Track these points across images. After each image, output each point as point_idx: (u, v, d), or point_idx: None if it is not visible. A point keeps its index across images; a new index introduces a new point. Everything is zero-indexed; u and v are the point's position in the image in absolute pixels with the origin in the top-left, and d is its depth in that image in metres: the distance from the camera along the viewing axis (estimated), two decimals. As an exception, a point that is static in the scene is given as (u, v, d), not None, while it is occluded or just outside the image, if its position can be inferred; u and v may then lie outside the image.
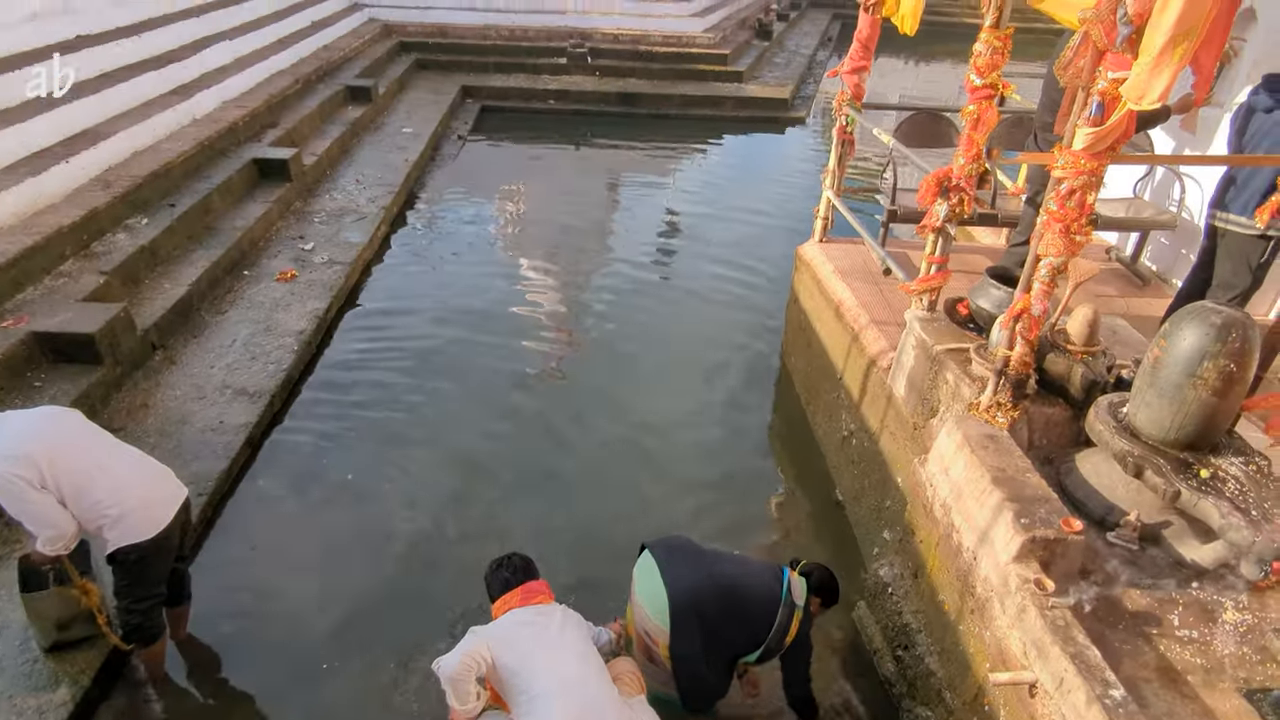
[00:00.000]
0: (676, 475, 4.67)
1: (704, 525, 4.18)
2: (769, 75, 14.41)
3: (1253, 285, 3.64)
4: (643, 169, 10.57)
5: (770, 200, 9.25)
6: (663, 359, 5.93)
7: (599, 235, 8.20)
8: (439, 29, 13.40)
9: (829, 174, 5.13)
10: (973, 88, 3.16)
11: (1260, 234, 3.48)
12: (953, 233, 3.57)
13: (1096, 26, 2.27)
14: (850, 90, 4.75)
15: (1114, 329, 3.68)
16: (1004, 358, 2.95)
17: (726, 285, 7.06)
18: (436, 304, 6.41)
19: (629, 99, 12.47)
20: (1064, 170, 2.45)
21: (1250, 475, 2.53)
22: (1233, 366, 2.42)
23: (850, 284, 4.76)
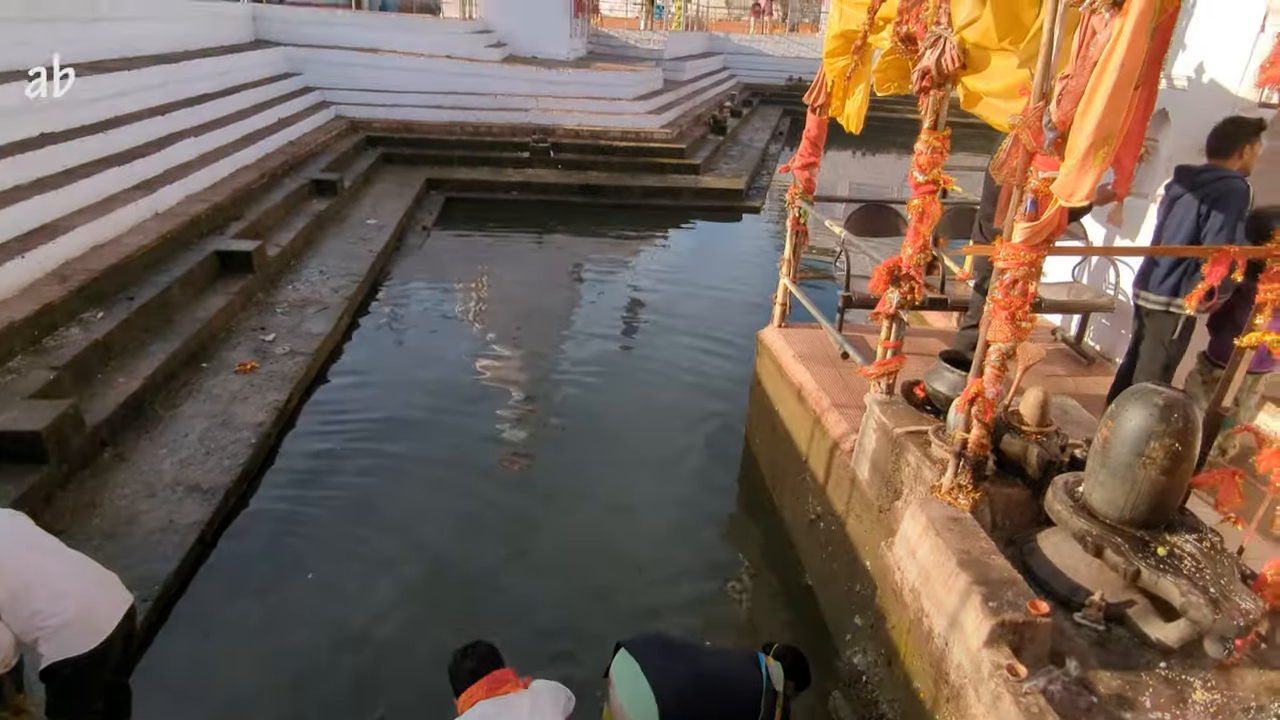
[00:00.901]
0: (644, 559, 4.60)
1: (673, 611, 4.11)
2: (725, 167, 15.04)
3: (1169, 360, 3.78)
4: (605, 256, 10.81)
5: (731, 285, 9.50)
6: (628, 441, 5.93)
7: (563, 320, 8.29)
8: (405, 125, 13.79)
9: (785, 263, 5.31)
10: (916, 184, 3.35)
11: (1165, 309, 3.67)
12: (905, 318, 3.71)
13: (1025, 131, 2.44)
14: (802, 184, 4.98)
15: (1064, 409, 3.80)
16: (962, 440, 3.02)
17: (690, 368, 7.15)
18: (400, 391, 6.36)
19: (591, 190, 12.86)
20: (1005, 262, 2.59)
21: (1205, 552, 2.59)
22: (1178, 445, 2.51)
23: (810, 368, 4.86)
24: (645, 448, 5.88)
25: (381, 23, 15.53)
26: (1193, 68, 4.34)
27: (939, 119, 3.25)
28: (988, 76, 2.92)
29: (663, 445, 5.91)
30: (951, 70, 3.00)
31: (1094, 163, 2.23)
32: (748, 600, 4.42)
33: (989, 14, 2.60)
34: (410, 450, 5.53)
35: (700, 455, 5.83)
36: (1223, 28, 4.10)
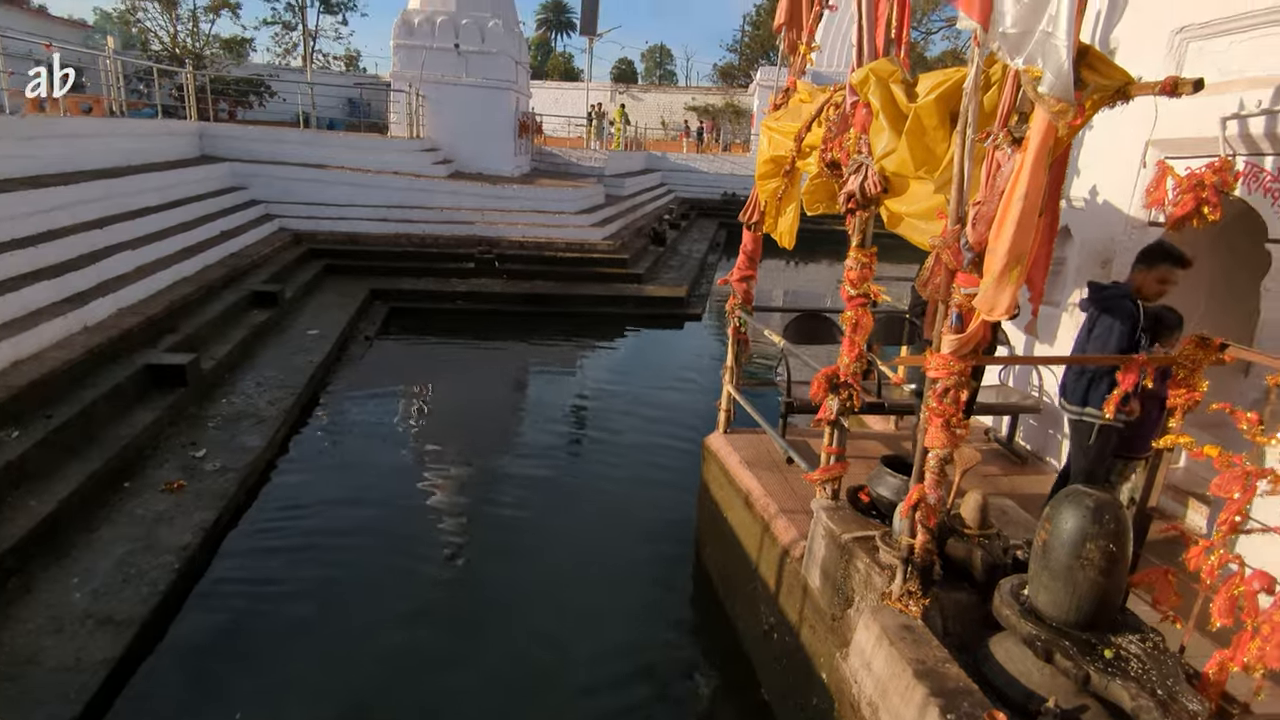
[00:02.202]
0: (592, 679, 4.40)
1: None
2: (666, 276, 15.52)
3: (1089, 465, 3.84)
4: (550, 364, 10.87)
5: (675, 391, 9.61)
6: (575, 555, 5.77)
7: (509, 430, 8.21)
8: (350, 237, 13.92)
9: (728, 370, 5.43)
10: (848, 297, 3.53)
11: (1079, 418, 3.83)
12: (846, 424, 3.80)
13: (945, 251, 2.63)
14: (740, 295, 5.18)
15: (1004, 509, 3.90)
16: (908, 545, 3.05)
17: (637, 477, 7.10)
18: (337, 507, 6.12)
19: (536, 299, 13.06)
20: (936, 372, 2.71)
21: (1149, 653, 2.63)
22: (1112, 546, 2.59)
23: (757, 473, 4.89)
24: (593, 561, 5.73)
25: (329, 141, 15.92)
26: (1089, 190, 4.76)
27: (865, 237, 3.46)
28: (908, 200, 3.14)
29: (611, 557, 5.78)
30: (874, 194, 3.23)
31: (1010, 280, 2.40)
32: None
33: (904, 146, 2.84)
34: (346, 573, 5.27)
35: (649, 566, 5.71)
36: (1111, 157, 4.54)
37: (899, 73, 2.97)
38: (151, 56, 23.19)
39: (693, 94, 43.48)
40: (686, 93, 44.22)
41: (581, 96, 31.92)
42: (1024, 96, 2.32)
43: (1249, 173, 3.66)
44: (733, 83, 46.42)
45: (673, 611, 5.29)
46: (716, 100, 41.30)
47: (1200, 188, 3.51)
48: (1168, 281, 3.53)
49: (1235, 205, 3.82)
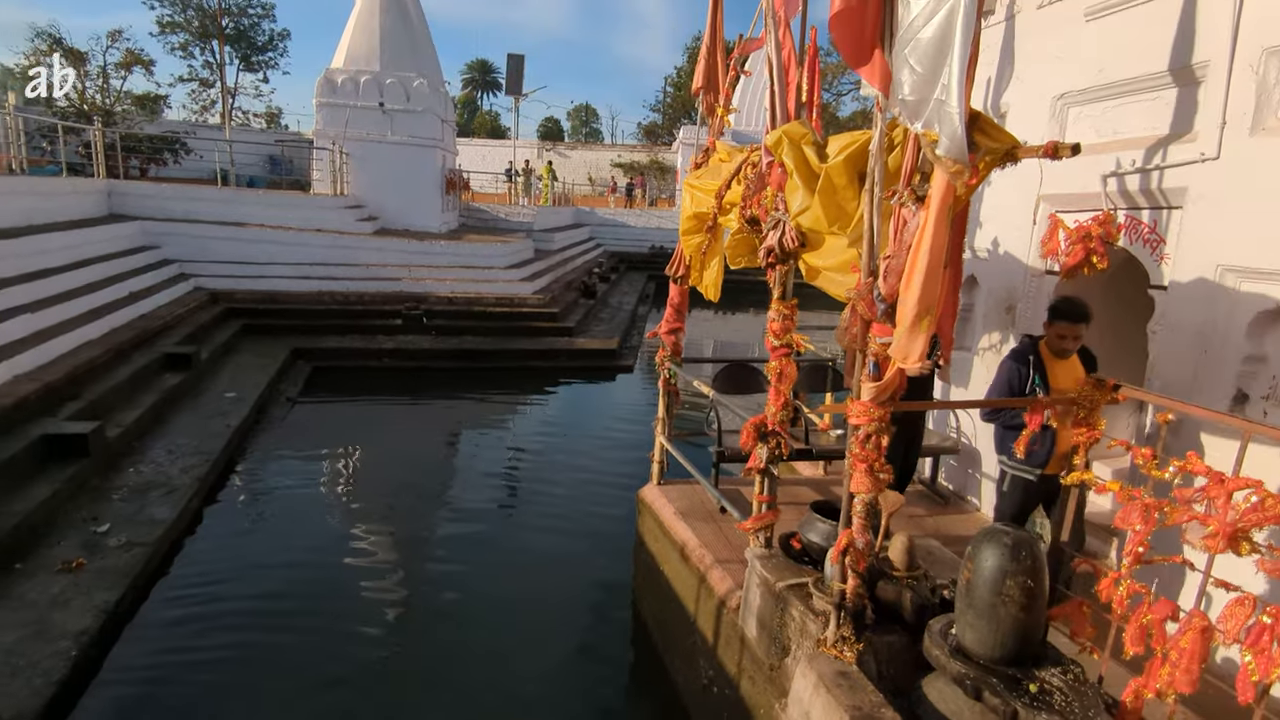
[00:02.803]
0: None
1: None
2: (597, 329, 15.60)
3: (1007, 510, 3.93)
4: (482, 420, 10.71)
5: (609, 443, 9.59)
6: (510, 616, 5.61)
7: (439, 490, 8.00)
8: (270, 296, 13.52)
9: (660, 421, 5.47)
10: (772, 347, 3.63)
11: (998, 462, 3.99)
12: (775, 471, 3.86)
13: (860, 302, 2.74)
14: (669, 347, 5.25)
15: (930, 550, 4.00)
16: (840, 591, 3.10)
17: (572, 532, 7.00)
18: (255, 580, 5.79)
19: (466, 355, 12.90)
20: (858, 418, 2.80)
21: (1071, 685, 2.71)
22: (1030, 582, 2.69)
23: (692, 524, 4.89)
24: (528, 619, 5.59)
25: (248, 198, 15.57)
26: (991, 241, 5.07)
27: (786, 290, 3.58)
28: (824, 254, 3.28)
29: (546, 615, 5.64)
30: (792, 248, 3.36)
31: (921, 329, 2.52)
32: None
33: (817, 204, 2.98)
34: (263, 652, 4.97)
35: (586, 623, 5.60)
36: (1009, 211, 4.86)
37: (810, 135, 3.13)
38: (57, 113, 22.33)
39: (619, 151, 44.59)
40: (612, 150, 45.32)
41: (509, 153, 32.29)
42: (925, 157, 2.48)
43: (1129, 225, 3.97)
44: (657, 140, 47.84)
45: (611, 669, 5.18)
46: (641, 157, 42.43)
47: (1088, 239, 3.80)
48: (1065, 336, 3.65)
49: (1120, 254, 4.13)
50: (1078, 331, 3.66)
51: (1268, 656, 2.19)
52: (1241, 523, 2.22)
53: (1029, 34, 4.73)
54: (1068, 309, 3.66)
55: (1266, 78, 3.31)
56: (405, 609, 5.66)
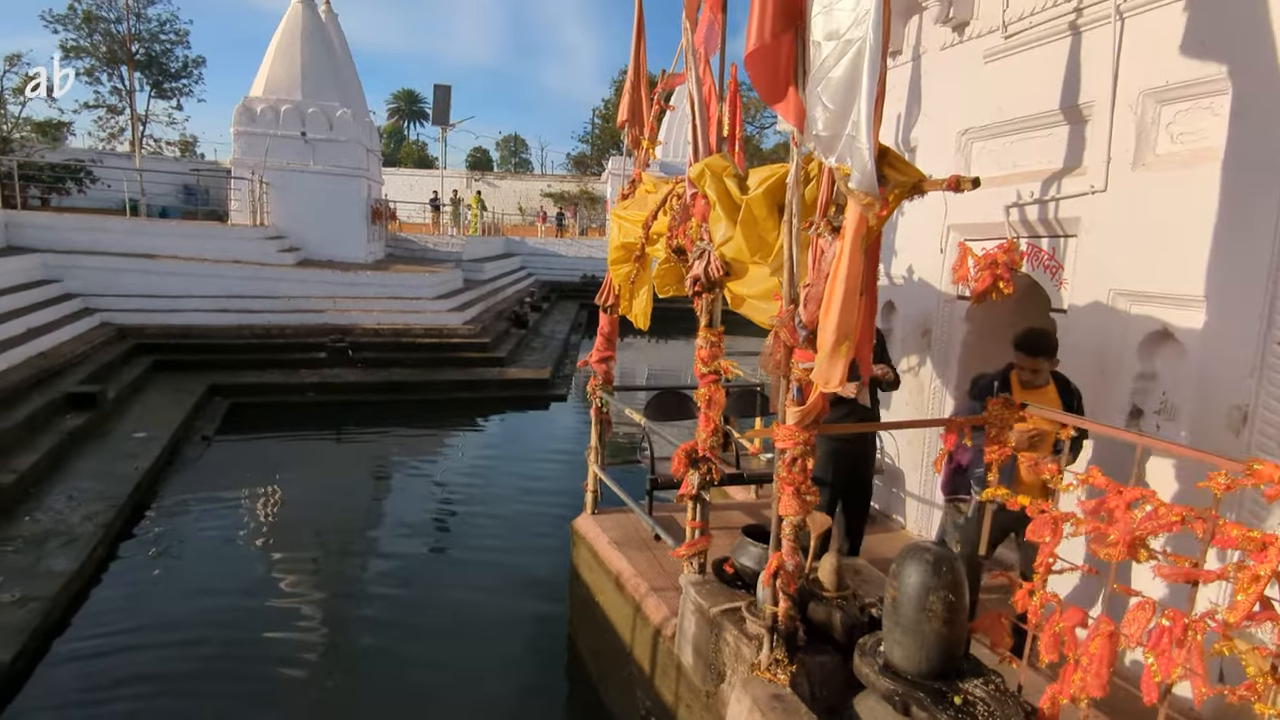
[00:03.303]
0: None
1: None
2: (529, 358, 15.50)
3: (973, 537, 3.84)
4: (412, 453, 10.45)
5: (543, 474, 9.49)
6: (443, 654, 5.47)
7: (365, 526, 7.75)
8: (184, 330, 12.95)
9: (592, 450, 5.45)
10: (700, 374, 3.68)
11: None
12: (707, 497, 3.90)
13: (783, 329, 2.82)
14: (600, 376, 5.27)
15: (858, 569, 4.09)
16: (772, 614, 3.13)
17: (506, 565, 6.88)
18: (164, 631, 5.46)
19: (393, 388, 12.61)
20: (784, 442, 2.87)
21: (993, 695, 2.81)
22: (951, 596, 2.78)
23: (627, 553, 4.88)
24: (461, 657, 5.44)
25: (160, 229, 14.96)
26: (906, 269, 5.30)
27: (713, 318, 3.66)
28: (748, 283, 3.37)
29: (480, 652, 5.50)
30: (717, 277, 3.44)
31: (840, 355, 2.61)
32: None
33: (739, 235, 3.07)
34: (177, 703, 4.69)
35: (522, 658, 5.49)
36: (922, 240, 5.09)
37: (731, 168, 3.23)
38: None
39: (548, 181, 44.73)
40: (542, 180, 45.42)
41: (437, 183, 31.97)
42: (839, 190, 2.58)
43: (1031, 253, 4.22)
44: (586, 170, 48.23)
45: (547, 702, 5.09)
46: (571, 187, 42.67)
47: (994, 266, 4.01)
48: (1024, 368, 3.60)
49: (1025, 280, 4.37)
50: (1037, 364, 3.58)
51: (1168, 657, 2.31)
52: (1138, 531, 2.36)
53: (934, 74, 5.01)
54: (1023, 341, 3.60)
55: (1144, 117, 3.59)
56: (333, 651, 5.43)
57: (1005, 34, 4.32)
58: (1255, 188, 3.13)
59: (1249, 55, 3.16)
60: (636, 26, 4.72)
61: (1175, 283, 3.47)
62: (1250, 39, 3.14)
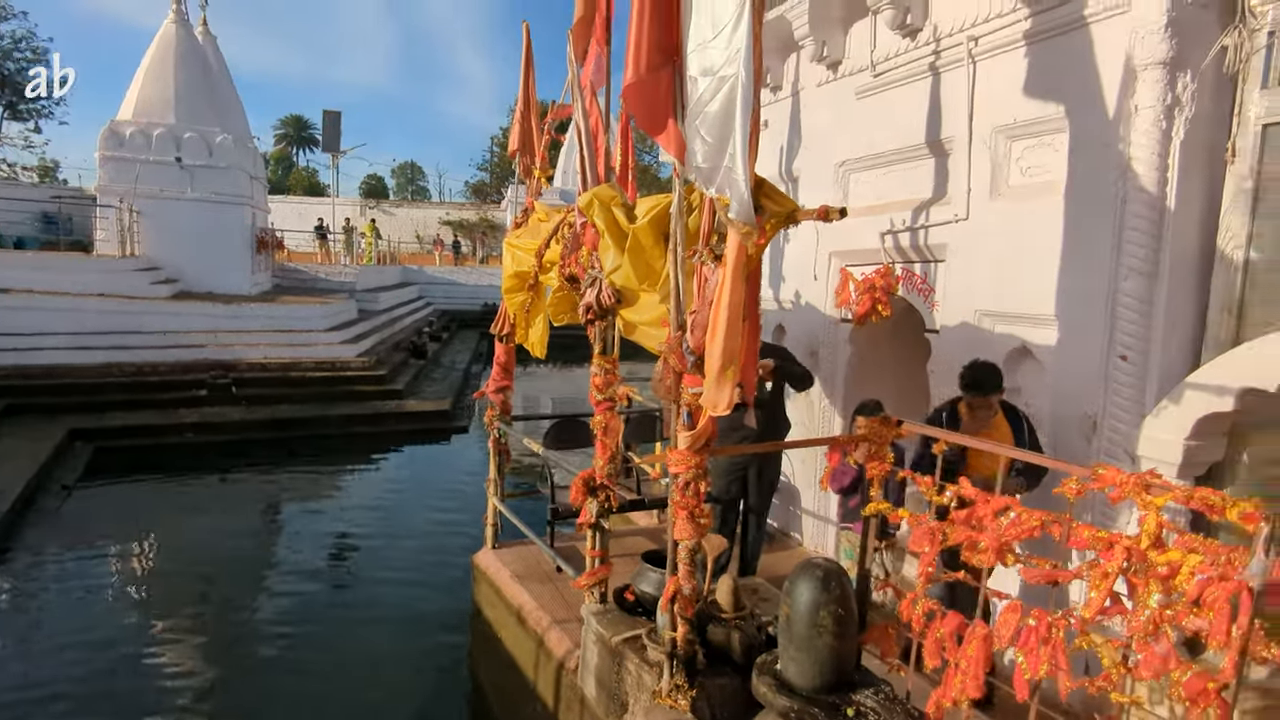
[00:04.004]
0: None
1: None
2: (428, 390, 15.10)
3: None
4: (306, 493, 9.95)
5: (444, 508, 9.22)
6: (337, 700, 5.20)
7: (254, 572, 7.29)
8: (44, 371, 11.89)
9: (491, 483, 5.35)
10: (595, 401, 3.68)
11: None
12: (607, 525, 3.88)
13: (671, 355, 2.87)
14: (498, 406, 5.19)
15: (755, 589, 4.16)
16: (671, 639, 3.14)
17: (405, 604, 6.62)
18: (17, 702, 4.93)
19: (283, 424, 11.99)
20: (676, 467, 2.90)
21: (882, 704, 2.90)
22: (841, 610, 2.87)
23: (529, 587, 4.79)
24: (361, 701, 5.19)
25: (14, 261, 13.76)
26: (794, 293, 5.50)
27: (607, 345, 3.67)
28: (639, 310, 3.41)
29: (381, 695, 5.27)
30: (609, 305, 3.46)
31: (727, 379, 2.67)
32: None
33: (627, 263, 3.11)
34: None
35: (423, 699, 5.29)
36: (808, 265, 5.31)
37: (619, 197, 3.27)
38: None
39: (447, 209, 44.01)
40: (440, 208, 44.65)
41: (329, 211, 30.87)
42: (720, 220, 2.66)
43: (905, 277, 4.47)
44: (486, 198, 47.78)
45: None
46: (471, 215, 42.13)
47: (873, 290, 4.22)
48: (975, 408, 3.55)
49: (902, 303, 4.62)
50: (988, 403, 3.52)
51: (1035, 655, 2.46)
52: (1005, 537, 2.51)
53: (812, 108, 5.27)
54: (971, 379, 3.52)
55: (997, 151, 3.90)
56: (221, 703, 5.05)
57: (874, 73, 4.60)
58: (1092, 217, 3.45)
59: (1081, 97, 3.49)
60: (525, 57, 4.75)
61: (1031, 303, 3.75)
62: (1081, 83, 3.47)
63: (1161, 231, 3.28)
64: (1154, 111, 3.21)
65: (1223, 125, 3.27)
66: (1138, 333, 3.35)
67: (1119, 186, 3.34)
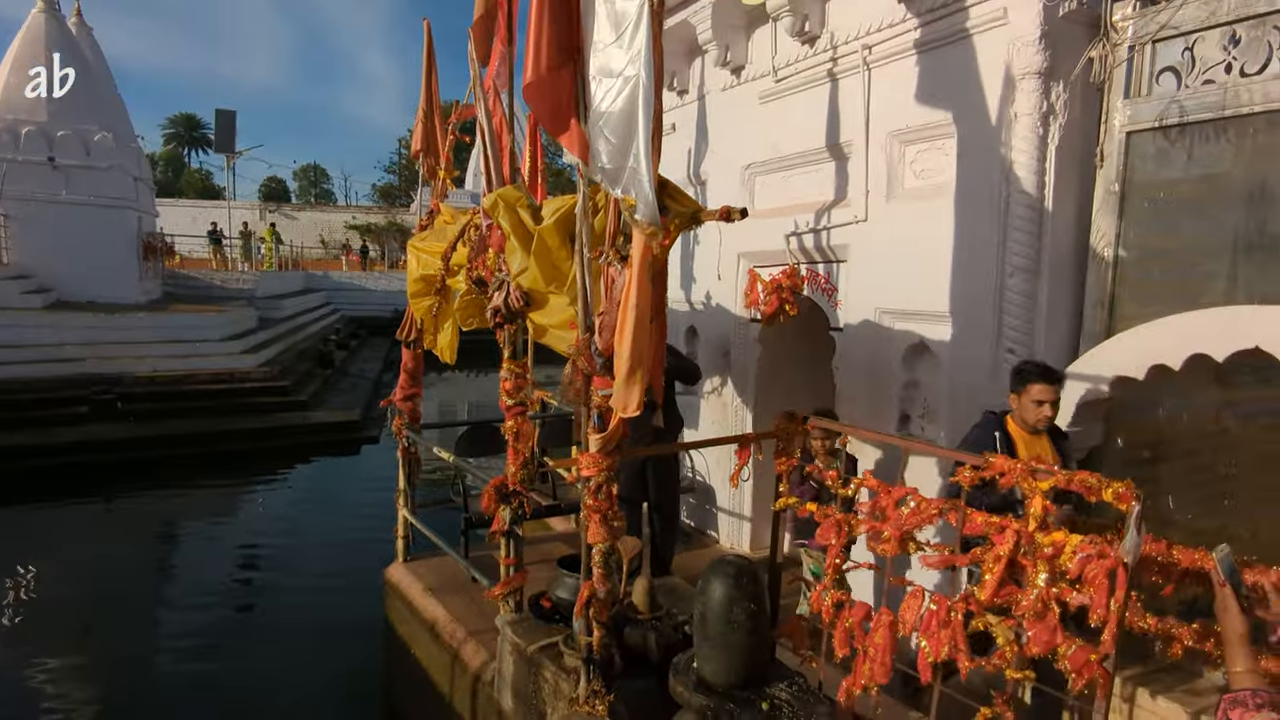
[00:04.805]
0: None
1: None
2: (336, 400, 14.54)
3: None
4: (204, 512, 9.39)
5: (353, 523, 8.86)
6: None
7: (148, 600, 6.85)
8: (-107, 390, 10.80)
9: (401, 494, 5.18)
10: (506, 406, 3.62)
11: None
12: (520, 533, 3.82)
13: (580, 357, 2.84)
14: (406, 414, 5.03)
15: (673, 589, 4.18)
16: (587, 644, 3.11)
17: (314, 624, 6.33)
18: None
19: (177, 441, 11.30)
20: (587, 470, 2.87)
21: (796, 695, 2.95)
22: (753, 605, 2.90)
23: (443, 600, 4.66)
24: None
25: None
26: (705, 294, 5.57)
27: (516, 349, 3.61)
28: (548, 313, 3.36)
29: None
30: (518, 308, 3.40)
31: (636, 380, 2.66)
32: None
33: (534, 265, 3.06)
34: None
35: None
36: (716, 267, 5.38)
37: (524, 198, 3.23)
38: None
39: (353, 213, 42.52)
40: (346, 211, 43.09)
41: (223, 214, 29.30)
42: (625, 220, 2.65)
43: (810, 277, 4.59)
44: (395, 202, 46.44)
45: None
46: (379, 219, 40.87)
47: (780, 290, 4.30)
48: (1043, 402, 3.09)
49: (808, 302, 4.74)
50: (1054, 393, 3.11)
51: (937, 638, 2.56)
52: (906, 525, 2.60)
53: (717, 112, 5.35)
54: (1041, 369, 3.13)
55: (892, 155, 4.05)
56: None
57: (776, 78, 4.71)
58: (980, 218, 3.63)
59: (967, 104, 3.66)
60: (426, 55, 4.63)
61: (928, 301, 3.91)
62: (967, 91, 3.65)
63: (1041, 231, 3.48)
64: (1031, 118, 3.41)
65: (1093, 132, 3.50)
66: (1023, 327, 3.55)
67: (1003, 189, 3.53)
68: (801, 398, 4.44)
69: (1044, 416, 3.09)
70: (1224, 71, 3.16)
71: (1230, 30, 3.14)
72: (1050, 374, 3.11)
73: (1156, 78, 3.36)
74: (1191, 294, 3.25)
